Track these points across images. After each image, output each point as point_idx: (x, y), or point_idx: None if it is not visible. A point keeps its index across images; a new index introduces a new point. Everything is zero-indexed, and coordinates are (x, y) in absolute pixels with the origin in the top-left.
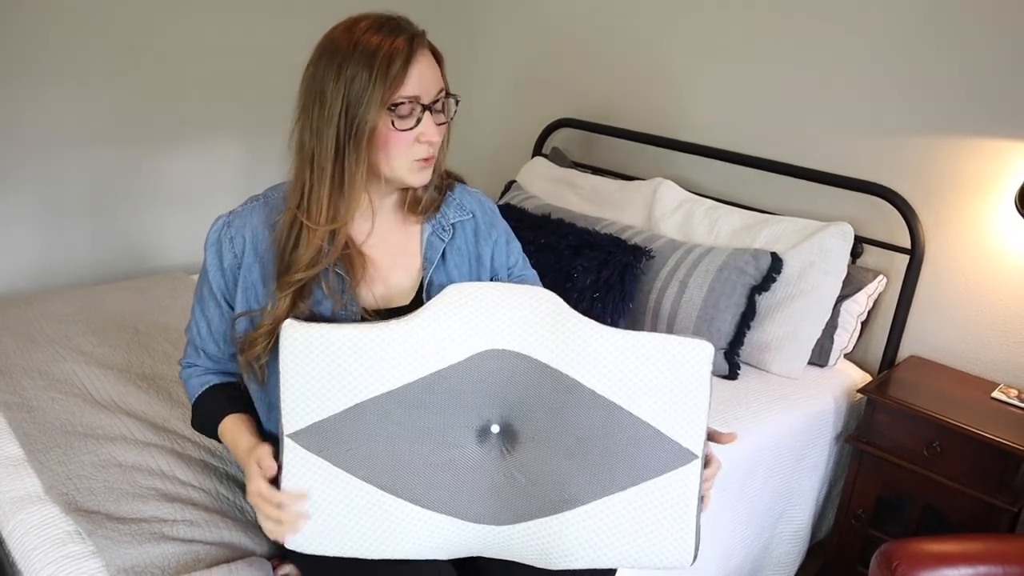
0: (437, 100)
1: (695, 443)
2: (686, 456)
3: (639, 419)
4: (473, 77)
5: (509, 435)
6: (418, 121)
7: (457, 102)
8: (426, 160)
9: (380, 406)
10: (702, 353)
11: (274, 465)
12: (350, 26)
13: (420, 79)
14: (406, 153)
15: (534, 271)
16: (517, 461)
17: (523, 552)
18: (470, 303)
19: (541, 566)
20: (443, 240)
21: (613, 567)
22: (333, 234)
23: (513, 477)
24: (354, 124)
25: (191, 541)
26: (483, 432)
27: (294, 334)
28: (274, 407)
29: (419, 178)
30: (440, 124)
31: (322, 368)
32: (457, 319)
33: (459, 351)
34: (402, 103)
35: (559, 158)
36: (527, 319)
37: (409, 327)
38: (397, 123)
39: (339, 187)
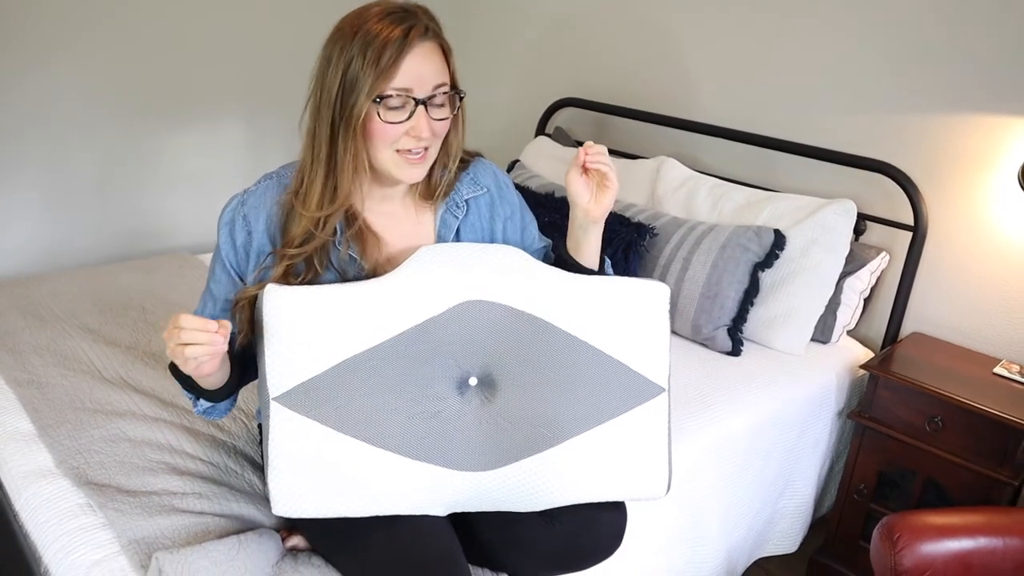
0: (434, 95)
1: (660, 377)
2: (654, 389)
3: (609, 356)
4: (477, 57)
5: (488, 384)
6: (411, 115)
7: (461, 97)
8: (416, 155)
9: (366, 362)
10: (660, 293)
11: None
12: (362, 10)
13: (415, 72)
14: (391, 145)
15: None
16: (499, 407)
17: (510, 497)
18: (444, 259)
19: (525, 509)
20: (456, 218)
21: (593, 501)
22: (325, 219)
23: (497, 423)
24: (346, 111)
25: (201, 513)
26: (462, 385)
27: (277, 296)
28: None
29: (408, 174)
30: (440, 119)
31: (306, 328)
32: (434, 274)
33: (439, 303)
34: (391, 95)
35: (562, 137)
36: (499, 270)
37: (391, 282)
38: (384, 115)
39: (332, 172)
